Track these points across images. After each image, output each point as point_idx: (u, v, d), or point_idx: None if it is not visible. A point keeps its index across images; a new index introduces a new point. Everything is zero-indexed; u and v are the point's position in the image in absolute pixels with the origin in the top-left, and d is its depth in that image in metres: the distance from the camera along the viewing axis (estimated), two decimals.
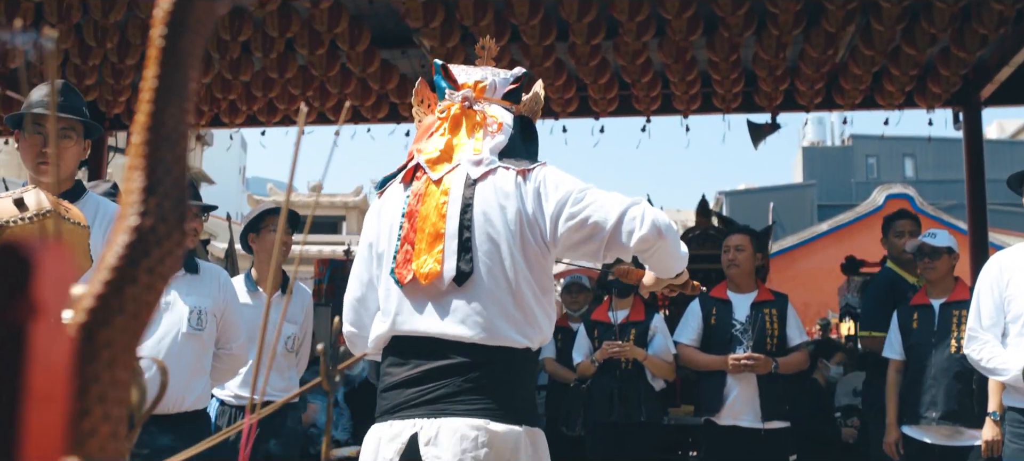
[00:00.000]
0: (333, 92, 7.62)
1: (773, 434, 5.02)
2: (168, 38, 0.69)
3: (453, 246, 2.41)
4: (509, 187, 2.46)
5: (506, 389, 2.35)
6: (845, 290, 9.17)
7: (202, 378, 3.95)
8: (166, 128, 0.68)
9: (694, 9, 6.04)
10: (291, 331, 4.74)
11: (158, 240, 0.67)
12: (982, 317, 3.96)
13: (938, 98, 7.43)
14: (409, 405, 2.35)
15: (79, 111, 3.19)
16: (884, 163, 35.04)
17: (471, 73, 2.70)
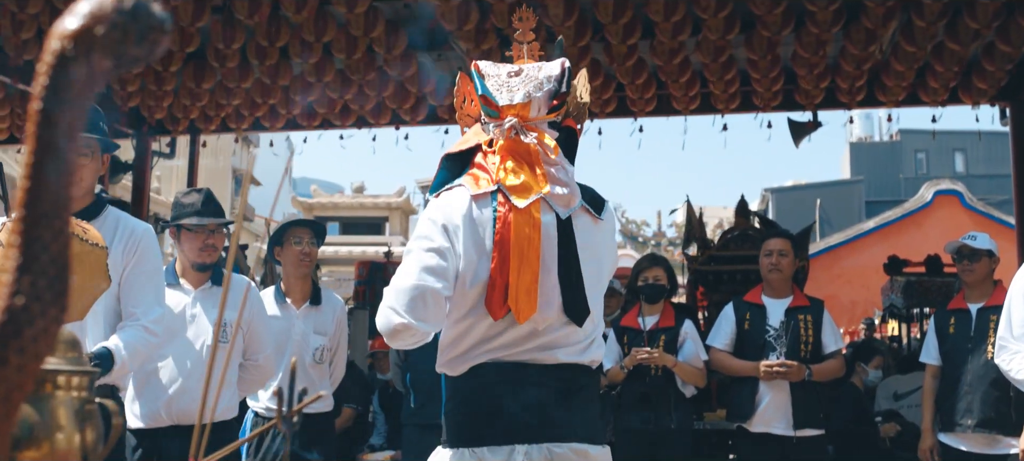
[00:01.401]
0: (371, 95, 7.66)
1: (805, 442, 4.93)
2: (44, 112, 0.68)
3: (556, 287, 2.43)
4: (595, 227, 2.53)
5: (594, 410, 2.51)
6: (889, 290, 9.02)
7: (228, 390, 3.98)
8: (44, 204, 0.67)
9: (730, 8, 5.98)
10: (320, 342, 4.74)
11: (31, 319, 0.65)
12: (1013, 326, 3.86)
13: (984, 94, 7.30)
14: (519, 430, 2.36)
15: (95, 128, 3.21)
16: (934, 158, 34.46)
17: (513, 91, 2.54)
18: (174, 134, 9.01)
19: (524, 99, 2.52)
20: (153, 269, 3.31)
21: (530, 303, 2.38)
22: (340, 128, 8.65)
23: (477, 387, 2.45)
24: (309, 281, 4.84)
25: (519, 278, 2.38)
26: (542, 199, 2.46)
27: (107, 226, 3.20)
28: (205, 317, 3.96)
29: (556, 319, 2.43)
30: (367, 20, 6.24)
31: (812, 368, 4.98)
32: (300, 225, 4.83)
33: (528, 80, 2.56)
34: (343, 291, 17.64)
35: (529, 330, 2.41)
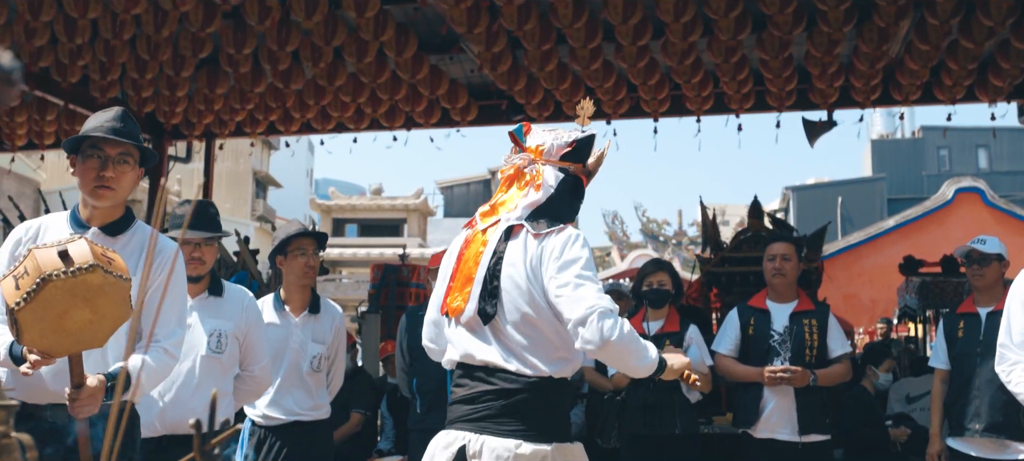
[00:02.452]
0: (384, 98, 7.68)
1: (811, 448, 4.87)
2: None
3: (478, 290, 2.87)
4: (528, 245, 2.88)
5: (536, 412, 2.77)
6: (904, 291, 8.94)
7: (224, 400, 3.99)
8: None
9: (741, 8, 5.96)
10: (318, 350, 4.73)
11: None
12: (1013, 333, 3.78)
13: (1000, 92, 7.23)
14: (463, 420, 2.83)
15: (136, 138, 3.22)
16: (956, 155, 34.22)
17: (541, 137, 3.03)
18: (190, 139, 9.06)
19: (541, 142, 3.01)
20: (180, 292, 3.34)
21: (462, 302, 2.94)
22: (354, 132, 8.67)
23: (453, 382, 3.04)
24: (309, 290, 4.83)
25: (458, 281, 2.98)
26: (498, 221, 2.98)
27: (135, 241, 3.20)
28: (200, 327, 3.96)
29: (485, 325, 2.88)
30: (377, 24, 6.25)
31: (817, 373, 4.92)
32: (304, 236, 4.81)
33: (550, 136, 3.04)
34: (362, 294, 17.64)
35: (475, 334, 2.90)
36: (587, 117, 3.12)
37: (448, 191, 45.07)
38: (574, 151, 2.99)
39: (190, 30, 6.33)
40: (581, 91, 7.55)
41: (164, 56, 6.72)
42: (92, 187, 3.13)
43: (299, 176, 47.41)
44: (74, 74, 7.03)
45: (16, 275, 2.64)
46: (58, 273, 2.57)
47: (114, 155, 3.12)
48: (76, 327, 2.56)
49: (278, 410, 4.65)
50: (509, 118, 8.26)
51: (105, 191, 3.13)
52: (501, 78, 7.16)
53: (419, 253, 27.74)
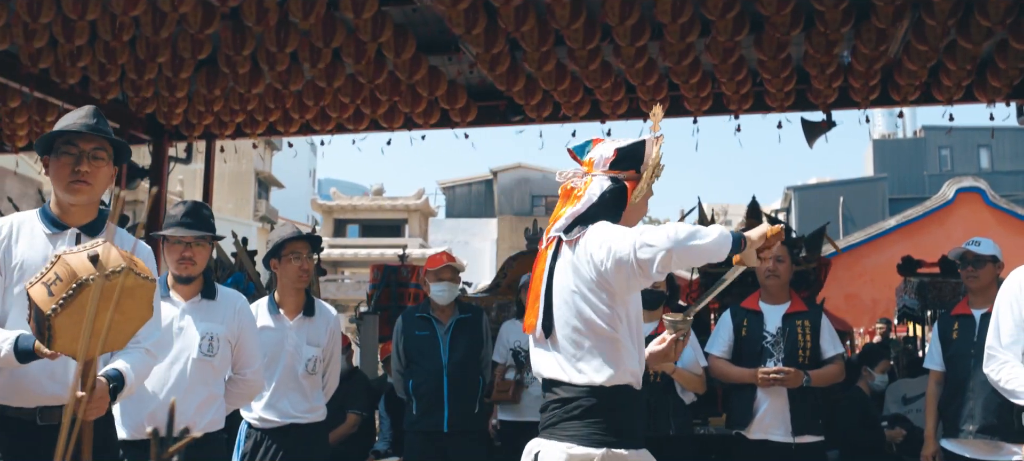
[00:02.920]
0: (383, 99, 7.69)
1: (805, 448, 4.87)
2: None
3: (541, 305, 3.07)
4: (565, 254, 3.03)
5: (589, 419, 2.89)
6: (902, 291, 8.94)
7: (215, 403, 3.99)
8: None
9: (738, 9, 5.96)
10: (312, 353, 4.73)
11: None
12: (1001, 335, 3.78)
13: (998, 92, 7.24)
14: (541, 428, 3.03)
15: (109, 133, 3.25)
16: (958, 154, 34.23)
17: (597, 150, 3.15)
18: (190, 140, 9.07)
19: (594, 156, 3.14)
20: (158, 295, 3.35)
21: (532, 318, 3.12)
22: (353, 133, 8.68)
23: None
24: (303, 292, 4.84)
25: (531, 297, 3.15)
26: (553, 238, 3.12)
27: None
28: (193, 330, 3.96)
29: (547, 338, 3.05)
30: (375, 25, 6.26)
31: (810, 374, 4.92)
32: (298, 239, 4.81)
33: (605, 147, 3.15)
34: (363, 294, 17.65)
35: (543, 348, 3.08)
36: (658, 122, 3.21)
37: (450, 191, 45.11)
38: (620, 160, 3.07)
39: (189, 31, 6.34)
40: (580, 92, 7.56)
41: (163, 57, 6.73)
42: (67, 183, 3.16)
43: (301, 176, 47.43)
44: (73, 75, 7.04)
45: (47, 282, 2.68)
46: (93, 277, 2.62)
47: (88, 150, 3.15)
48: (104, 330, 2.60)
49: (274, 413, 4.66)
50: (508, 119, 8.28)
51: (81, 186, 3.16)
52: (500, 79, 7.16)
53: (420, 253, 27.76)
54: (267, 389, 4.55)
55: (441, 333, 5.63)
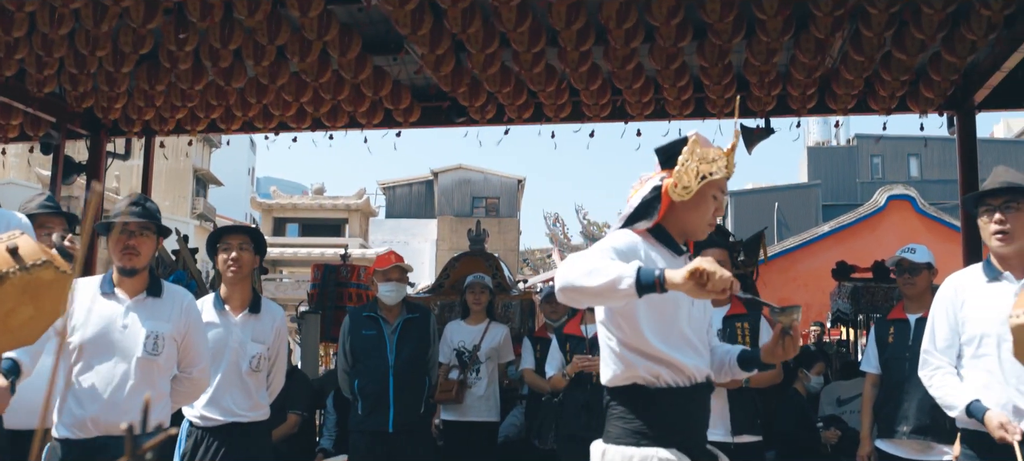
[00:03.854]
0: (327, 98, 7.66)
1: (744, 448, 4.95)
2: None
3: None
4: None
5: (617, 417, 2.99)
6: (836, 295, 9.14)
7: (160, 402, 3.93)
8: None
9: (682, 16, 6.05)
10: (257, 350, 4.68)
11: None
12: (936, 339, 3.88)
13: (931, 103, 7.43)
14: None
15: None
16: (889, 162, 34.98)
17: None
18: (129, 135, 8.93)
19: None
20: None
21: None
22: (296, 131, 8.63)
23: None
24: (248, 288, 4.79)
25: None
26: None
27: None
28: (137, 329, 3.88)
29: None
30: (321, 23, 6.23)
31: None
32: (230, 231, 4.78)
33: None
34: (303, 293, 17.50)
35: None
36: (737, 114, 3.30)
37: (390, 192, 44.92)
38: (661, 160, 3.06)
39: (131, 25, 6.25)
40: (524, 95, 7.60)
41: (103, 51, 6.62)
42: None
43: (240, 174, 46.88)
44: (10, 68, 6.89)
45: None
46: (13, 270, 2.54)
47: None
48: (18, 325, 2.54)
49: (216, 410, 4.60)
50: (452, 120, 8.29)
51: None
52: (444, 80, 7.18)
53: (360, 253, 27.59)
54: (210, 386, 4.50)
55: (388, 333, 5.62)
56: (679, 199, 2.93)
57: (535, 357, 6.38)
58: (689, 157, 2.91)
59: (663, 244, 3.00)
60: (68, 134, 8.60)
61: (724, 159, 2.94)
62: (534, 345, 6.46)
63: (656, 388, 2.90)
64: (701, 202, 2.96)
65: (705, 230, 3.04)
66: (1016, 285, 3.63)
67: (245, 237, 4.77)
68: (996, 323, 3.61)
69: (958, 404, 3.69)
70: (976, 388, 3.66)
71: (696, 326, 3.01)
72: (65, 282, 2.66)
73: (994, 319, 3.61)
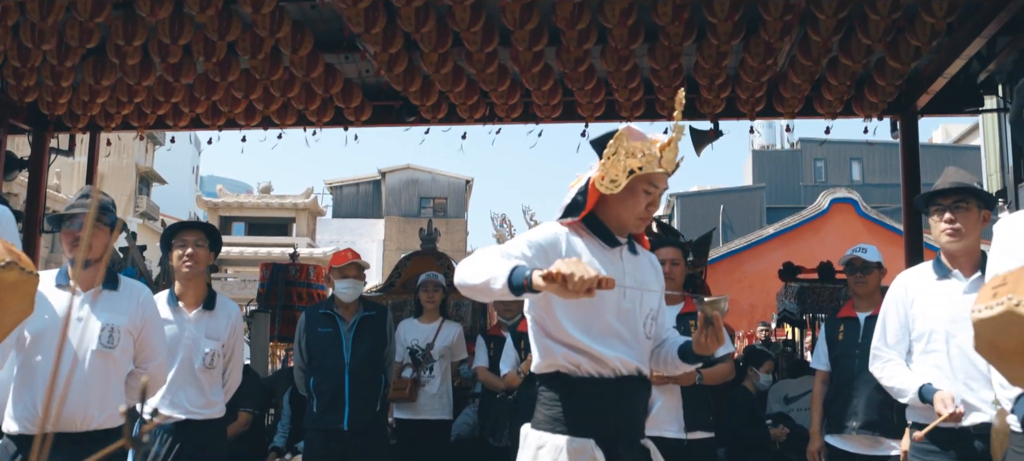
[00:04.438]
0: (277, 96, 7.60)
1: (697, 444, 5.00)
2: None
3: None
4: None
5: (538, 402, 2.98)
6: (783, 296, 9.28)
7: (115, 397, 3.86)
8: None
9: (635, 18, 6.10)
10: (210, 347, 4.62)
11: None
12: (887, 335, 4.01)
13: (875, 107, 7.57)
14: None
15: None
16: (832, 166, 35.54)
17: None
18: (74, 131, 8.77)
19: None
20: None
21: None
22: (245, 128, 8.54)
23: None
24: (202, 285, 4.74)
25: None
26: None
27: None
28: (92, 322, 3.81)
29: None
30: (273, 20, 6.19)
31: (702, 372, 5.08)
32: (185, 227, 4.74)
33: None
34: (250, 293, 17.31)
35: None
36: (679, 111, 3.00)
37: (337, 191, 44.64)
38: (600, 153, 2.96)
39: (78, 19, 6.15)
40: (475, 95, 7.61)
41: (49, 45, 6.50)
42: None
43: (184, 173, 46.26)
44: None
45: None
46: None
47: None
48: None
49: (169, 407, 4.55)
50: (403, 119, 8.27)
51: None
52: (396, 79, 7.16)
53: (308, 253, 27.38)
54: (164, 386, 4.43)
55: (344, 331, 5.59)
56: (607, 191, 2.87)
57: (488, 355, 6.39)
58: (616, 150, 2.86)
59: (596, 235, 2.95)
60: (10, 129, 8.44)
61: (656, 154, 2.87)
62: (488, 343, 6.46)
63: (577, 377, 2.85)
64: (630, 196, 2.89)
65: (636, 224, 2.95)
66: (965, 283, 3.75)
67: (201, 233, 4.72)
68: (945, 320, 3.74)
69: (910, 389, 3.81)
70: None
71: (628, 319, 2.92)
72: (31, 283, 2.62)
73: (943, 316, 3.76)
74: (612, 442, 2.82)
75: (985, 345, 1.87)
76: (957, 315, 3.69)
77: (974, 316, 1.87)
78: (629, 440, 2.91)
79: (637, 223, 2.94)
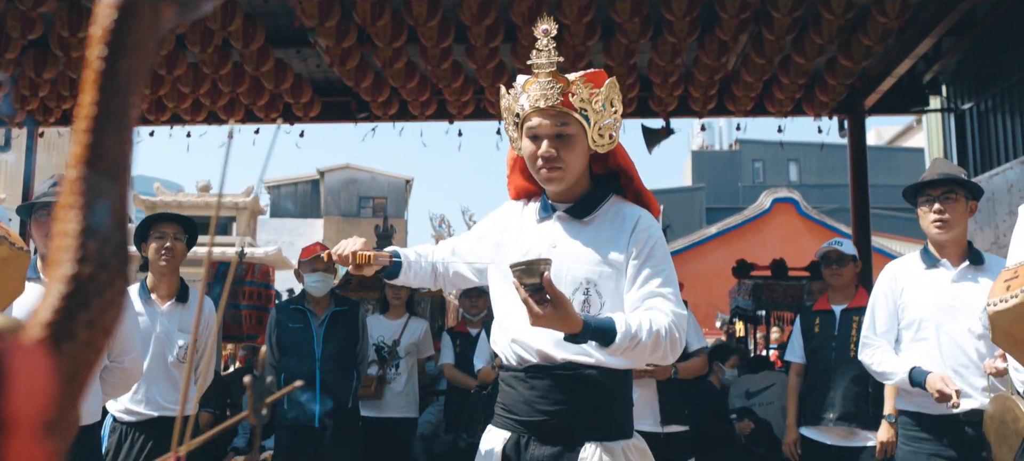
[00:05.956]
0: (225, 91, 7.45)
1: (672, 437, 5.05)
2: (107, 60, 0.61)
3: None
4: None
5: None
6: (736, 293, 9.35)
7: (91, 393, 3.76)
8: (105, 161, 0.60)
9: (592, 15, 6.09)
10: (184, 340, 4.53)
11: (99, 290, 0.58)
12: (876, 323, 4.10)
13: (825, 106, 7.66)
14: None
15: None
16: (770, 168, 35.99)
17: None
18: (11, 126, 8.52)
19: None
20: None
21: None
22: (190, 124, 8.36)
23: None
24: (176, 278, 4.63)
25: None
26: None
27: None
28: None
29: None
30: (224, 13, 6.07)
31: (677, 366, 5.12)
32: (163, 220, 4.61)
33: None
34: None
35: None
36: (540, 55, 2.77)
37: (274, 191, 44.12)
38: None
39: (20, 8, 5.96)
40: (428, 91, 7.54)
41: None
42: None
43: None
44: None
45: None
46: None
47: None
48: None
49: (142, 403, 4.43)
50: (353, 115, 8.17)
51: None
52: (348, 74, 7.07)
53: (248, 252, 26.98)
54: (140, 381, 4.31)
55: (315, 326, 5.50)
56: (519, 152, 2.70)
57: (455, 352, 6.34)
58: (504, 116, 2.74)
59: (539, 206, 2.77)
60: None
61: (520, 91, 2.67)
62: (454, 340, 6.41)
63: (503, 366, 2.72)
64: (525, 148, 2.64)
65: (540, 175, 2.62)
66: (953, 271, 3.86)
67: (179, 226, 4.60)
68: (934, 308, 3.85)
69: (900, 371, 3.88)
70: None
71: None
72: (22, 260, 2.55)
73: (932, 305, 3.87)
74: (528, 435, 2.59)
75: (1002, 336, 1.92)
76: (946, 304, 3.83)
77: (990, 310, 1.92)
78: (543, 437, 2.58)
79: (541, 173, 2.62)
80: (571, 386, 2.57)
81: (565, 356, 2.55)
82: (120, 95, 0.61)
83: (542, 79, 2.63)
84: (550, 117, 2.58)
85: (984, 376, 3.64)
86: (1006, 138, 7.32)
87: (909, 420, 3.91)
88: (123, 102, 0.62)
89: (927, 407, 3.79)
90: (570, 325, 2.35)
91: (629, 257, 2.58)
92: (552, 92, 2.60)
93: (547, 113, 2.58)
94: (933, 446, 3.78)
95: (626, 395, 2.69)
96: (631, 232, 2.63)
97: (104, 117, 0.60)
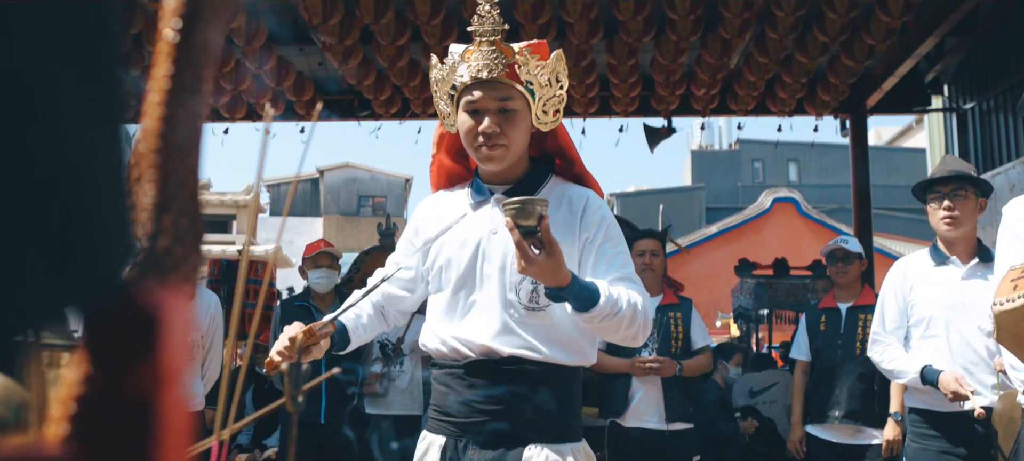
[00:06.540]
0: (227, 88, 7.45)
1: (677, 435, 5.05)
2: (183, 31, 0.61)
3: None
4: None
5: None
6: (738, 292, 9.36)
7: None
8: (179, 135, 0.60)
9: (595, 13, 6.09)
10: (190, 335, 4.54)
11: (174, 264, 0.58)
12: (886, 321, 4.10)
13: (827, 106, 7.66)
14: None
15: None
16: (770, 167, 35.98)
17: None
18: None
19: None
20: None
21: None
22: None
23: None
24: None
25: None
26: None
27: None
28: None
29: None
30: None
31: (682, 363, 5.12)
32: None
33: None
34: None
35: None
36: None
37: (274, 189, 44.09)
38: None
39: None
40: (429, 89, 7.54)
41: None
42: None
43: None
44: None
45: None
46: None
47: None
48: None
49: None
50: (355, 114, 8.18)
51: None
52: (350, 72, 7.07)
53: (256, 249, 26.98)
54: None
55: None
56: (451, 130, 2.47)
57: None
58: (435, 88, 2.47)
59: (472, 189, 2.52)
60: None
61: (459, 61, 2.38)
62: None
63: (435, 365, 2.52)
64: (462, 123, 2.39)
65: (479, 153, 2.38)
66: (962, 269, 3.85)
67: None
68: (944, 306, 3.84)
69: (911, 370, 3.87)
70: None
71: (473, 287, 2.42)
72: None
73: (942, 302, 3.86)
74: (455, 443, 2.39)
75: (1007, 335, 1.90)
76: (955, 301, 3.82)
77: (995, 309, 1.90)
78: (483, 440, 2.34)
79: (478, 151, 2.38)
80: (515, 382, 2.33)
81: (510, 350, 2.32)
82: (194, 68, 0.61)
83: (484, 48, 2.34)
84: (493, 90, 2.33)
85: (994, 373, 3.64)
86: (1008, 138, 7.33)
87: (918, 417, 3.91)
88: (197, 76, 0.62)
89: (937, 404, 3.78)
90: (560, 278, 2.14)
91: (584, 241, 2.38)
92: (496, 63, 2.33)
93: (490, 85, 2.33)
94: (943, 443, 3.78)
95: (574, 395, 2.43)
96: (581, 215, 2.40)
97: (178, 91, 0.60)
